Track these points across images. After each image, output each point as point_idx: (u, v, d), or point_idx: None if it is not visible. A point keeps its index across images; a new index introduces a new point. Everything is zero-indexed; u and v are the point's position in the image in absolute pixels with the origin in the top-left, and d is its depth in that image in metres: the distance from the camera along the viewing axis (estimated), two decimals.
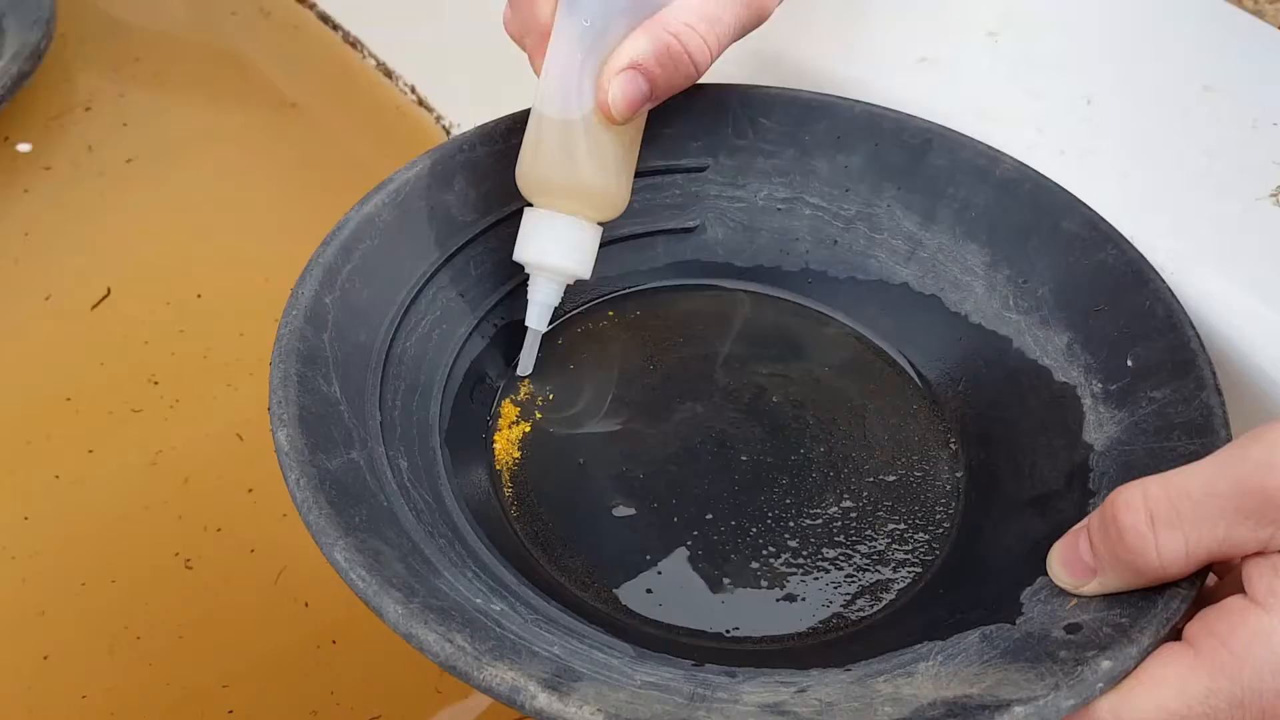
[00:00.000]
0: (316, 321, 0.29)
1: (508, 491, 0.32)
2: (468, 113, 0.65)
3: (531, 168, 0.33)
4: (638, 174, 0.36)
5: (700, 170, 0.39)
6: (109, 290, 0.54)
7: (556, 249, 0.33)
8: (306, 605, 0.42)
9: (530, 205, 0.34)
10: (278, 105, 0.68)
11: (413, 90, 0.68)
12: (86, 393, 0.50)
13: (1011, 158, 0.37)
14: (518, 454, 0.33)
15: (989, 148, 0.37)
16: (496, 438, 0.33)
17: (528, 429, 0.34)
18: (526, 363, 0.35)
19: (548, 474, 0.33)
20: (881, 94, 0.39)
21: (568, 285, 0.34)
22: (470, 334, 0.35)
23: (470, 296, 0.35)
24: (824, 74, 0.42)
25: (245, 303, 0.54)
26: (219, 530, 0.45)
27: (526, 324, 0.34)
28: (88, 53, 0.69)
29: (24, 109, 0.63)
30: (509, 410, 0.34)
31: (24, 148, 0.62)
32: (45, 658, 0.40)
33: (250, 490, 0.46)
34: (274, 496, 0.46)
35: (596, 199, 0.33)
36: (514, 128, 0.36)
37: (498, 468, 0.33)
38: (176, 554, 0.43)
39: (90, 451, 0.47)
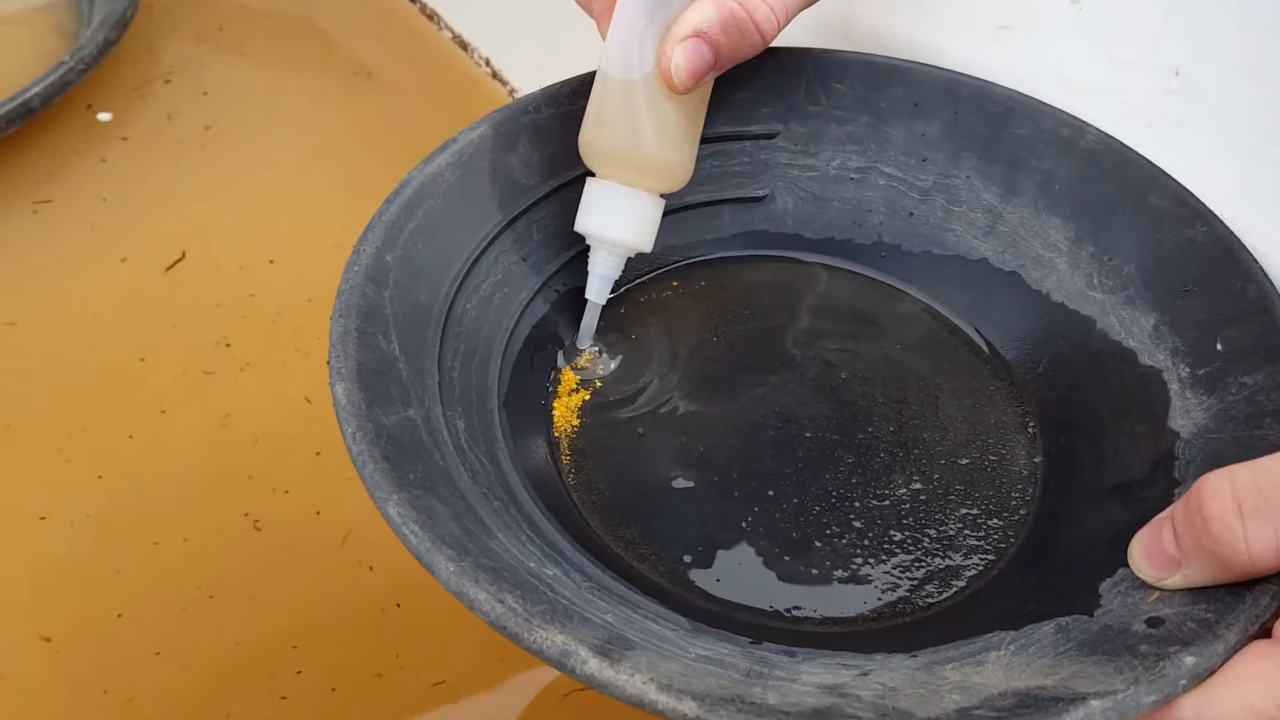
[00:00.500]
0: (378, 279, 0.29)
1: (565, 459, 0.31)
2: (541, 84, 0.64)
3: (594, 136, 0.32)
4: (704, 140, 0.35)
5: (770, 137, 0.37)
6: (184, 254, 0.55)
7: (618, 221, 0.32)
8: (371, 569, 0.42)
9: (592, 175, 0.33)
10: (354, 75, 0.68)
11: (487, 63, 0.68)
12: (160, 354, 0.50)
13: (1097, 129, 0.35)
14: (576, 421, 0.32)
15: (1073, 118, 0.35)
16: (555, 404, 0.33)
17: (587, 397, 0.33)
18: (585, 335, 0.34)
19: (606, 443, 0.32)
20: (958, 62, 0.37)
21: (629, 257, 0.33)
22: (531, 299, 0.34)
23: (532, 261, 0.34)
24: (897, 41, 0.41)
25: (315, 269, 0.55)
26: (287, 492, 0.45)
27: (586, 296, 0.34)
28: (173, 22, 0.70)
29: (107, 79, 0.64)
30: (569, 378, 0.34)
31: (105, 117, 0.63)
32: (119, 615, 0.40)
33: (318, 453, 0.47)
34: (340, 460, 0.46)
35: (659, 171, 0.32)
36: (579, 90, 0.35)
37: (556, 435, 0.32)
38: (246, 514, 0.44)
39: (162, 412, 0.47)
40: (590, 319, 0.34)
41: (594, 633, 0.22)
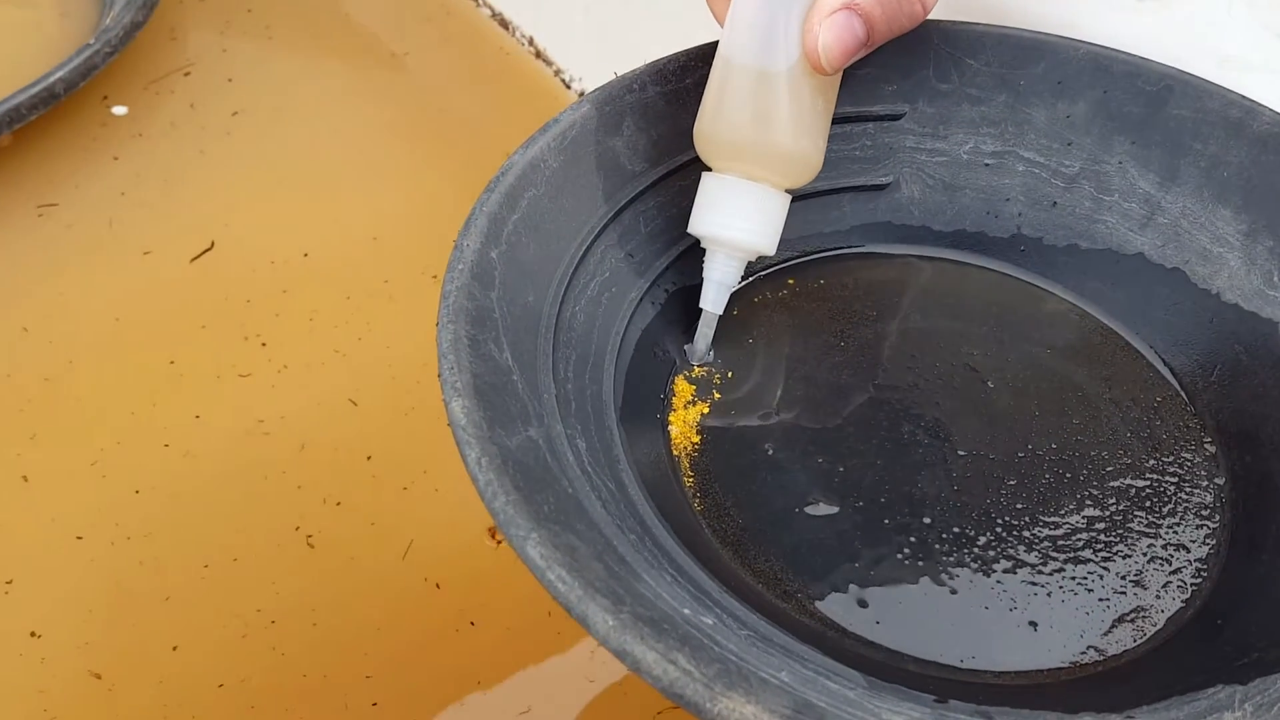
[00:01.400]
0: (484, 279, 0.25)
1: (689, 481, 0.28)
2: (590, 66, 0.61)
3: (715, 126, 0.29)
4: None
5: (895, 118, 0.34)
6: (213, 243, 0.51)
7: (741, 222, 0.29)
8: (438, 587, 0.39)
9: (707, 170, 0.29)
10: (388, 57, 0.65)
11: (530, 42, 0.64)
12: (191, 356, 0.47)
13: (1272, 110, 0.31)
14: (696, 438, 0.29)
15: (1243, 97, 0.31)
16: (672, 418, 0.29)
17: (705, 410, 0.29)
18: (700, 348, 0.30)
19: (732, 463, 0.28)
20: (1095, 38, 0.34)
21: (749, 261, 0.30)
22: (641, 299, 0.30)
23: (640, 257, 0.31)
24: (1026, 13, 0.37)
25: (351, 263, 0.51)
26: (339, 504, 0.41)
27: (701, 306, 0.30)
28: (200, 4, 0.67)
29: (125, 68, 0.61)
30: (683, 388, 0.30)
31: (120, 110, 0.59)
32: (175, 648, 0.37)
33: (369, 458, 0.43)
34: (393, 465, 0.43)
35: (793, 164, 0.29)
36: (689, 65, 0.32)
37: (675, 453, 0.28)
38: (297, 528, 0.40)
39: (197, 417, 0.44)
40: (707, 332, 0.30)
41: (779, 699, 0.18)
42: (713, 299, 0.30)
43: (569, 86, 0.62)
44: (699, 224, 0.29)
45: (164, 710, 0.35)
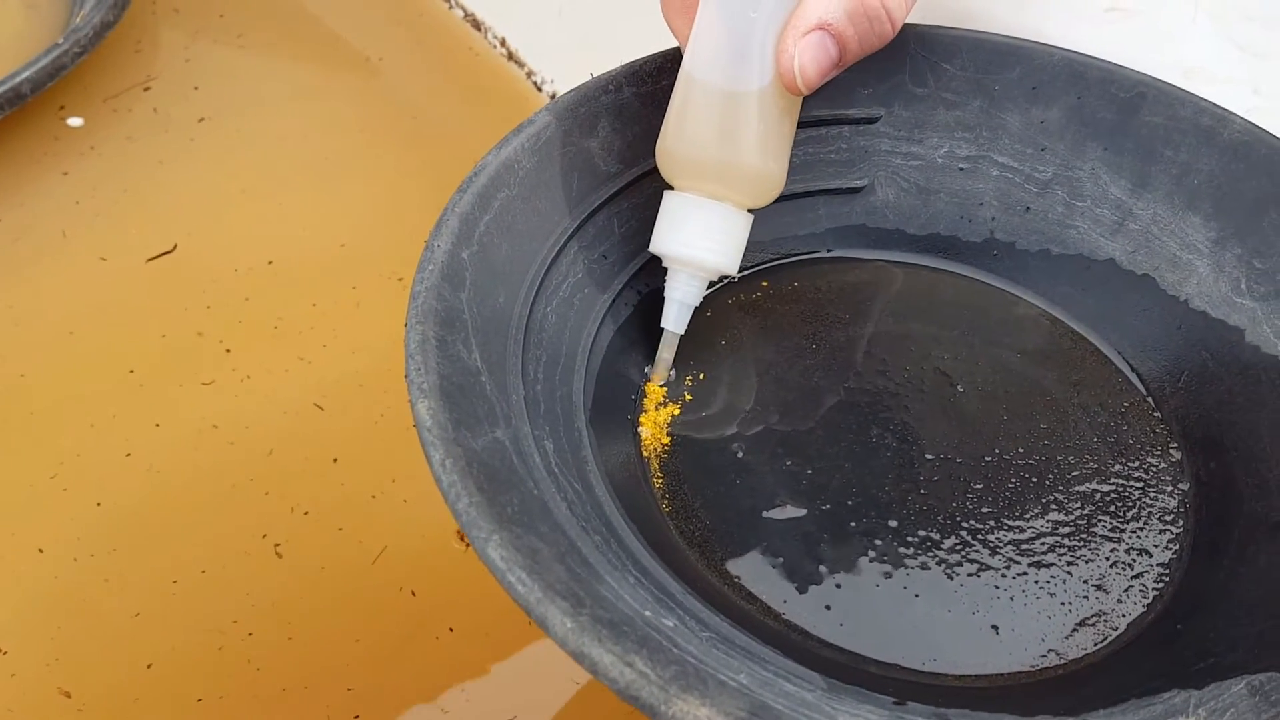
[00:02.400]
0: (454, 279, 0.25)
1: (658, 483, 0.28)
2: (563, 69, 0.61)
3: (679, 144, 0.28)
4: (798, 124, 0.31)
5: (871, 122, 0.34)
6: (175, 245, 0.51)
7: (704, 241, 0.28)
8: (414, 594, 0.39)
9: (670, 188, 0.29)
10: (360, 60, 0.64)
11: (503, 43, 0.64)
12: (150, 365, 0.46)
13: (1243, 118, 0.31)
14: (667, 440, 0.29)
15: (1214, 105, 0.32)
16: (643, 420, 0.29)
17: (676, 412, 0.30)
18: (662, 369, 0.30)
19: (701, 464, 0.28)
20: (1063, 46, 0.34)
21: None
22: (614, 301, 0.30)
23: (613, 258, 0.31)
24: (995, 19, 0.37)
25: (318, 270, 0.51)
26: (306, 513, 0.41)
27: (663, 325, 0.29)
28: (172, 11, 0.66)
29: (85, 80, 0.59)
30: (655, 390, 0.30)
31: (75, 122, 0.57)
32: (149, 665, 0.36)
33: (334, 460, 0.43)
34: (362, 470, 0.43)
35: (759, 185, 0.29)
36: (665, 66, 0.32)
37: (645, 455, 0.29)
38: (264, 536, 0.40)
39: (157, 426, 0.43)
40: (668, 353, 0.30)
41: (735, 701, 0.19)
42: (674, 318, 0.29)
43: (540, 89, 0.62)
44: (662, 243, 0.29)
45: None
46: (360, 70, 0.64)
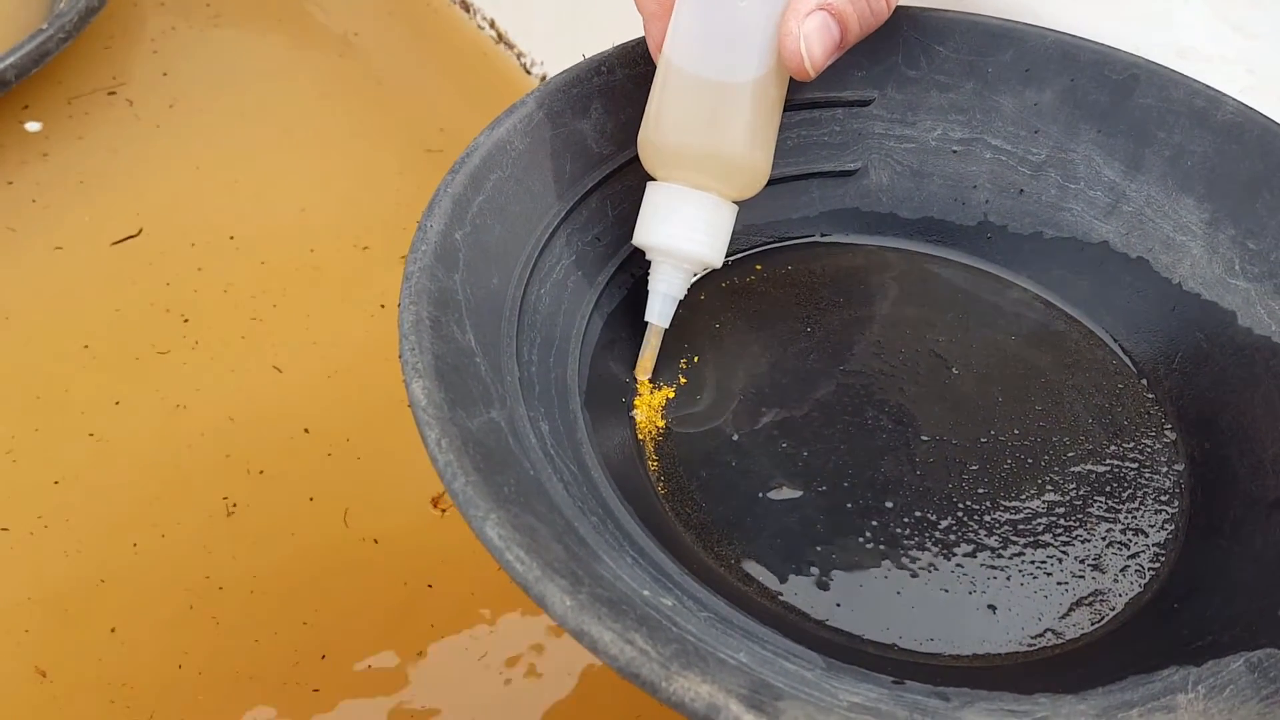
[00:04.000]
0: (447, 260, 0.25)
1: (653, 465, 0.28)
2: (553, 50, 0.60)
3: (666, 135, 0.28)
4: (791, 107, 0.31)
5: (864, 104, 0.34)
6: (140, 230, 0.51)
7: (690, 232, 0.28)
8: (377, 542, 0.39)
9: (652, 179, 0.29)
10: (340, 40, 0.63)
11: (491, 25, 0.64)
12: (105, 339, 0.46)
13: (1235, 100, 0.31)
14: (661, 423, 0.29)
15: (1207, 87, 0.32)
16: (637, 403, 0.29)
17: (671, 394, 0.29)
18: (646, 364, 0.29)
19: (697, 447, 0.28)
20: (1055, 26, 0.34)
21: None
22: (607, 284, 0.30)
23: (607, 241, 0.31)
24: (987, 2, 0.37)
25: (277, 240, 0.51)
26: (261, 472, 0.42)
27: (647, 319, 0.29)
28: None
29: (48, 80, 0.58)
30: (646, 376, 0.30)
31: (33, 127, 0.56)
32: (113, 630, 0.37)
33: (306, 430, 0.43)
34: (325, 432, 0.43)
35: (747, 176, 0.28)
36: None
37: (640, 437, 0.28)
38: (225, 498, 0.40)
39: (117, 404, 0.44)
40: (651, 347, 0.29)
41: (736, 679, 0.19)
42: (658, 311, 0.29)
43: (529, 71, 0.61)
44: (647, 234, 0.28)
45: (109, 693, 0.35)
46: (340, 51, 0.63)
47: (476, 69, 0.62)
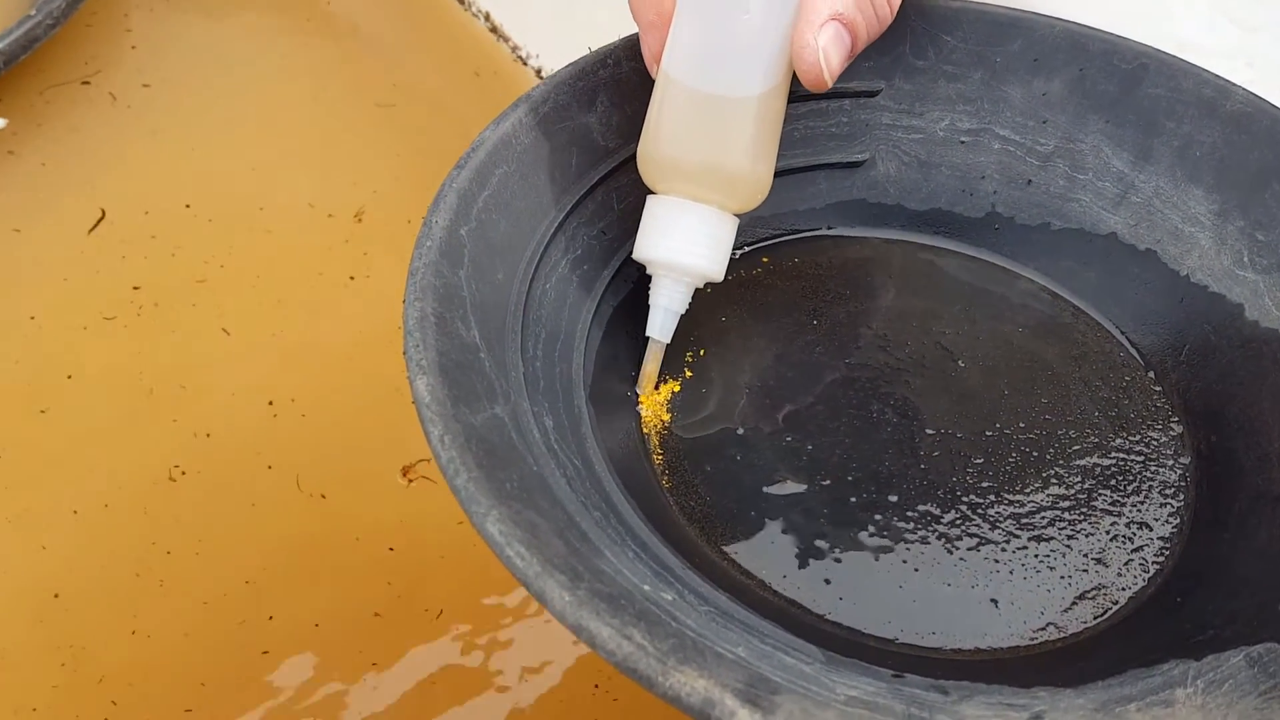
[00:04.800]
0: (452, 256, 0.25)
1: (658, 459, 0.28)
2: (549, 43, 0.60)
3: (665, 149, 0.27)
4: (798, 99, 0.31)
5: (872, 95, 0.33)
6: (103, 212, 0.51)
7: (691, 246, 0.27)
8: (324, 497, 0.40)
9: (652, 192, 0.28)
10: (329, 25, 0.63)
11: (487, 17, 0.63)
12: (52, 308, 0.46)
13: (1245, 90, 0.31)
14: (667, 416, 0.29)
15: (1216, 76, 0.31)
16: (642, 397, 0.29)
17: (677, 388, 0.30)
18: (648, 381, 0.29)
19: (701, 441, 0.28)
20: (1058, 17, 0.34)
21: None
22: (614, 278, 0.30)
23: (613, 234, 0.31)
24: None
25: (224, 202, 0.51)
26: (209, 436, 0.42)
27: (648, 334, 0.29)
28: None
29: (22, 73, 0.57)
30: (653, 370, 0.30)
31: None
32: (56, 595, 0.37)
33: (268, 401, 0.44)
34: (279, 398, 0.43)
35: (750, 189, 0.28)
36: None
37: (645, 431, 0.29)
38: (176, 465, 0.41)
39: (69, 378, 0.44)
40: (653, 363, 0.29)
41: (733, 673, 0.19)
42: (659, 326, 0.28)
43: (525, 62, 0.61)
44: (649, 249, 0.28)
45: (59, 656, 0.36)
46: (329, 35, 0.62)
47: (465, 54, 0.61)
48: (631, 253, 0.31)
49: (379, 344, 0.46)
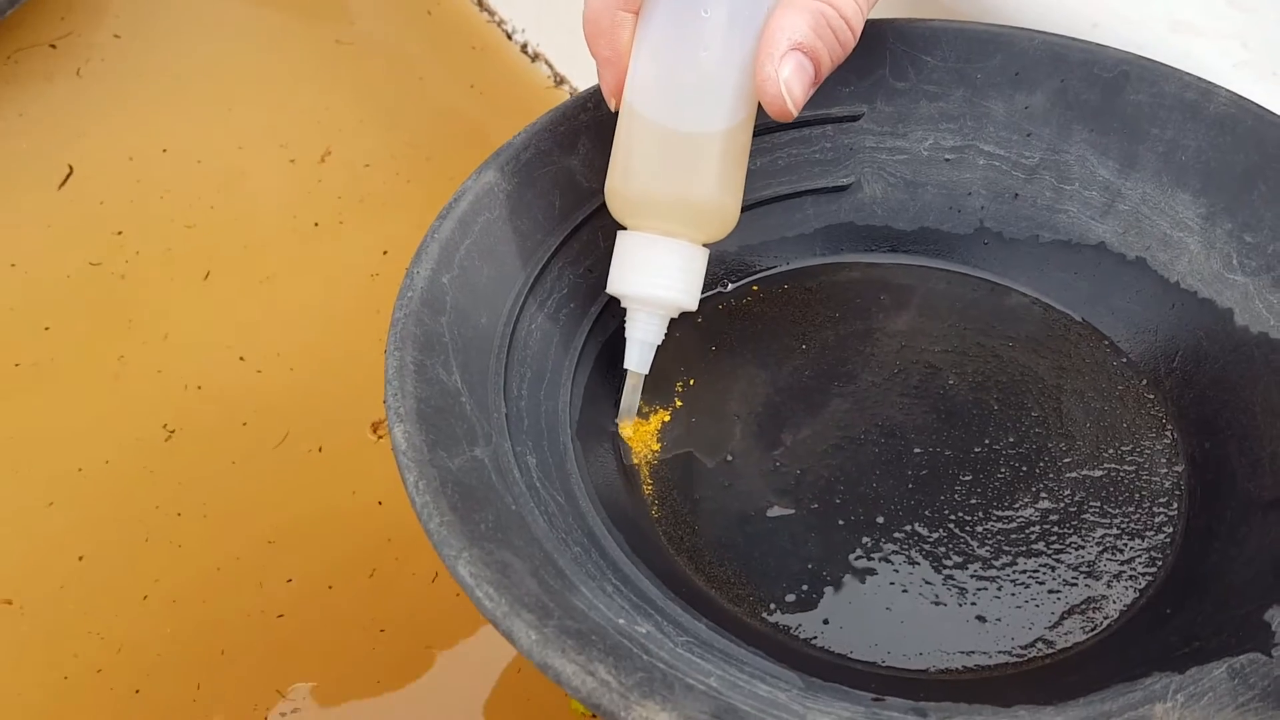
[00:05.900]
0: (434, 304, 0.26)
1: (647, 489, 0.29)
2: (532, 16, 0.58)
3: (632, 185, 0.28)
4: (778, 127, 0.32)
5: (854, 119, 0.34)
6: (70, 168, 0.51)
7: (664, 279, 0.28)
8: (320, 450, 0.40)
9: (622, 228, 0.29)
10: (335, 26, 0.62)
11: (480, 4, 0.63)
12: (33, 257, 0.47)
13: (1227, 90, 0.31)
14: (657, 446, 0.30)
15: (1198, 79, 0.31)
16: (632, 428, 0.30)
17: (667, 418, 0.30)
18: (628, 413, 0.30)
19: (691, 469, 0.29)
20: (1055, 5, 0.34)
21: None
22: (600, 313, 0.31)
23: (600, 272, 0.31)
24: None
25: (206, 156, 0.52)
26: (200, 387, 0.43)
27: (626, 367, 0.29)
28: None
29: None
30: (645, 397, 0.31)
31: None
32: (81, 558, 0.38)
33: (241, 358, 0.44)
34: (260, 349, 0.44)
35: (718, 221, 0.28)
36: None
37: (635, 462, 0.29)
38: (164, 425, 0.42)
39: (46, 329, 0.45)
40: (633, 395, 0.30)
41: (699, 704, 0.19)
42: (636, 359, 0.29)
43: (510, 37, 0.60)
44: (622, 284, 0.28)
45: (83, 623, 0.36)
46: (335, 37, 0.61)
47: (447, 25, 0.60)
48: None
49: (357, 292, 0.46)
